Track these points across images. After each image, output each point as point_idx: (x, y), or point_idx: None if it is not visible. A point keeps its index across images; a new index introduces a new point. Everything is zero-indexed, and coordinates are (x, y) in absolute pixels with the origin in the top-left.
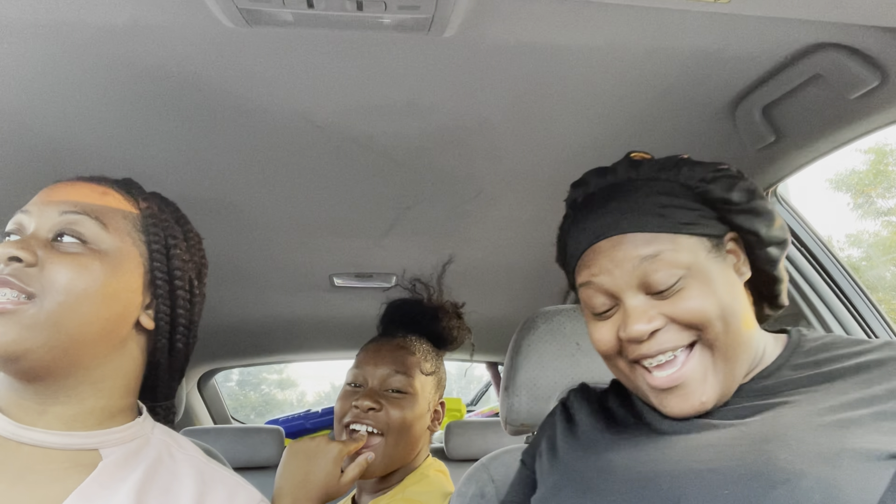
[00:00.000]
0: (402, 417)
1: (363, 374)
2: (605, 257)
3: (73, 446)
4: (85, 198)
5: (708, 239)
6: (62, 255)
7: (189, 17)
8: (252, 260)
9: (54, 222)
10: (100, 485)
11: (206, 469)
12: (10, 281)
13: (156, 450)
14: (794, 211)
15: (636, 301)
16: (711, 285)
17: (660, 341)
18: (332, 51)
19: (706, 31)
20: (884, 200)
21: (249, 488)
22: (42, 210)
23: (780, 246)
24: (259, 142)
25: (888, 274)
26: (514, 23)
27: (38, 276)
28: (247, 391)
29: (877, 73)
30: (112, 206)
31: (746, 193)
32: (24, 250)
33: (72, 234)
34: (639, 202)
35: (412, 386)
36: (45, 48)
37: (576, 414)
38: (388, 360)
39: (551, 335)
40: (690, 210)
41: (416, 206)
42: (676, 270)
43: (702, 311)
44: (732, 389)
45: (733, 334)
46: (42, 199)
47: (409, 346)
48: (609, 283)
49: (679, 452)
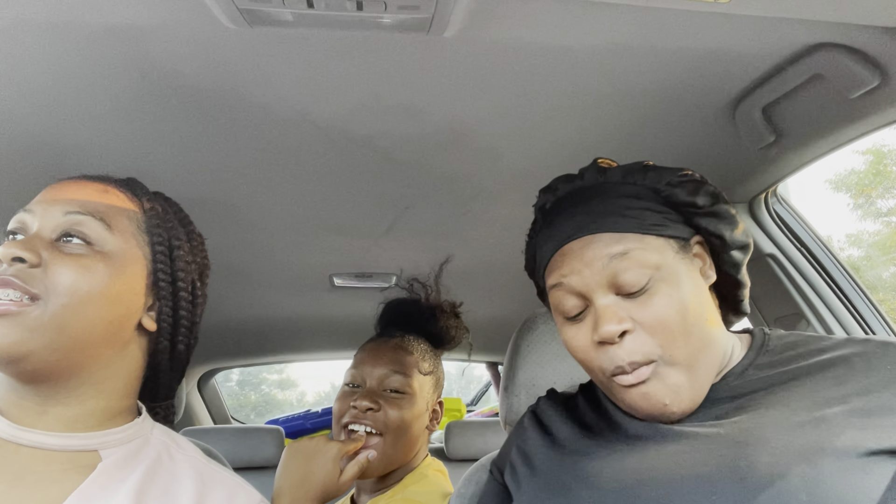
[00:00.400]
0: (400, 417)
1: (361, 374)
2: (575, 258)
3: (72, 448)
4: (89, 197)
5: (675, 241)
6: (66, 257)
7: (189, 17)
8: (252, 260)
9: (58, 222)
10: (99, 486)
11: (205, 470)
12: (13, 282)
13: (155, 450)
14: (794, 211)
15: (606, 300)
16: (679, 287)
17: (629, 348)
18: (332, 51)
19: (706, 31)
20: (883, 201)
21: (249, 489)
22: (46, 210)
23: (743, 250)
24: (259, 142)
25: (888, 274)
26: (514, 23)
27: (42, 277)
28: (247, 391)
29: (877, 73)
30: (116, 206)
31: (710, 197)
32: (28, 251)
33: (76, 235)
34: (606, 204)
35: (410, 386)
36: (45, 48)
37: (549, 422)
38: (386, 361)
39: (551, 335)
40: (657, 212)
41: (416, 206)
42: (646, 270)
43: (667, 317)
44: (703, 393)
45: (697, 340)
46: (45, 199)
47: (407, 346)
48: (579, 283)
49: (661, 459)
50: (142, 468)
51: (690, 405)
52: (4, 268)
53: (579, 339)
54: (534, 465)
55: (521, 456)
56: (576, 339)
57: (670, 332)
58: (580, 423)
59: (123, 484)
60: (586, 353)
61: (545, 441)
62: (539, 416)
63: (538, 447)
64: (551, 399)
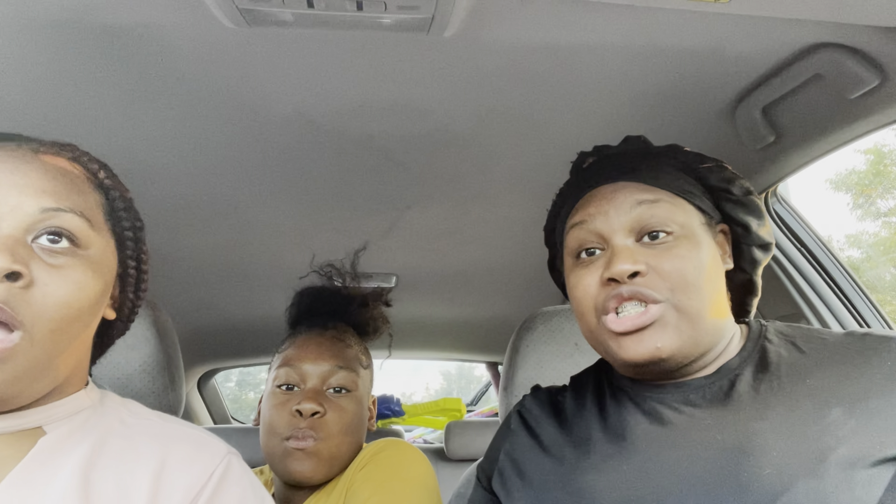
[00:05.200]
0: (349, 418)
1: (299, 372)
2: (604, 199)
3: (12, 428)
4: (62, 186)
5: (703, 214)
6: (53, 271)
7: (189, 17)
8: (252, 260)
9: (32, 220)
10: (40, 463)
11: (163, 430)
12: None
13: (106, 420)
14: (794, 211)
15: (626, 242)
16: (700, 250)
17: (637, 284)
18: (332, 51)
19: (706, 31)
20: (883, 201)
21: (215, 439)
22: (14, 204)
23: (764, 249)
24: (259, 142)
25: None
26: (514, 23)
27: (27, 298)
28: (247, 391)
29: (877, 73)
30: (90, 194)
31: (743, 189)
32: (20, 263)
33: (64, 235)
34: (642, 164)
35: (355, 382)
36: (46, 47)
37: (536, 425)
38: (327, 356)
39: (550, 335)
40: (692, 185)
41: (416, 206)
42: (671, 223)
43: (684, 270)
44: (691, 354)
45: (709, 302)
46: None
47: (346, 339)
48: (603, 224)
49: (658, 470)
50: (90, 439)
51: (673, 349)
52: None
53: (587, 280)
54: (524, 472)
55: (510, 462)
56: (583, 280)
57: (684, 281)
58: (569, 426)
59: (68, 457)
60: (586, 292)
61: (533, 445)
62: (525, 416)
63: (527, 453)
64: (537, 398)
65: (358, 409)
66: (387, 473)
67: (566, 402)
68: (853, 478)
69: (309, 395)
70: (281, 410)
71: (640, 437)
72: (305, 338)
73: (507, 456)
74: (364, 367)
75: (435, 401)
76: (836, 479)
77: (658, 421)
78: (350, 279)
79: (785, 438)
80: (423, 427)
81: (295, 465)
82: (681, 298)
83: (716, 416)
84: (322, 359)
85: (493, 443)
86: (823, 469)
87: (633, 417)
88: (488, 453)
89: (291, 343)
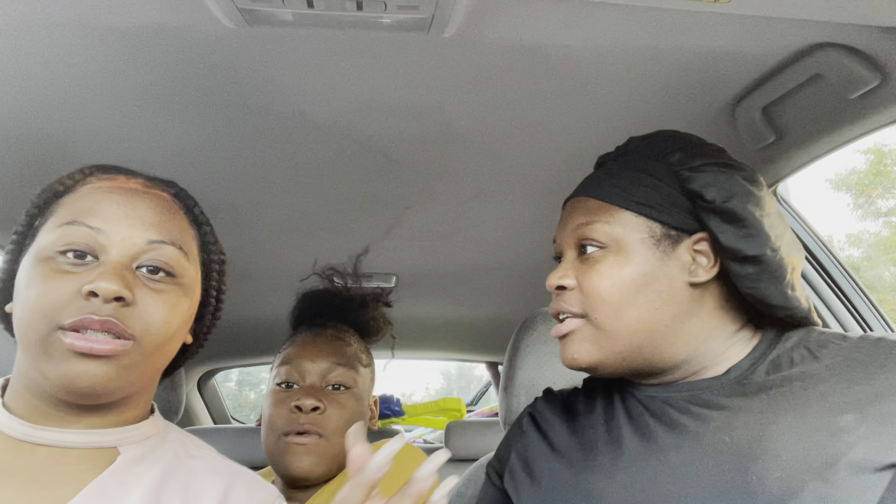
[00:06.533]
0: (349, 415)
1: (298, 370)
2: (565, 216)
3: (91, 444)
4: (163, 218)
5: (661, 226)
6: (155, 294)
7: (189, 17)
8: (252, 260)
9: (139, 250)
10: (116, 480)
11: (223, 466)
12: (115, 324)
13: (172, 447)
14: (794, 211)
15: (568, 257)
16: (626, 266)
17: (559, 300)
18: (332, 51)
19: (706, 31)
20: (884, 201)
21: (266, 483)
22: (126, 235)
23: (745, 263)
24: (259, 142)
25: (888, 274)
26: (514, 23)
27: (135, 315)
28: (247, 391)
29: (877, 73)
30: (186, 229)
31: (723, 192)
32: (127, 289)
33: (162, 269)
34: (613, 172)
35: (354, 379)
36: (46, 47)
37: (546, 426)
38: (326, 353)
39: (550, 335)
40: (660, 194)
41: (416, 206)
42: (603, 237)
43: (599, 287)
44: (632, 364)
45: (622, 322)
46: (118, 216)
47: (345, 337)
48: (559, 238)
49: (667, 474)
50: (161, 465)
51: (611, 366)
52: (99, 305)
53: (550, 280)
54: (534, 473)
55: (522, 462)
56: (550, 280)
57: (599, 300)
58: (579, 430)
59: (141, 479)
60: None
61: (544, 447)
62: (537, 419)
63: (537, 454)
64: (548, 401)
65: (358, 406)
66: (388, 473)
67: (577, 405)
68: (862, 482)
69: (308, 391)
70: (280, 407)
71: (649, 439)
72: (305, 337)
73: (518, 455)
74: (364, 366)
75: (435, 401)
76: (845, 484)
77: (667, 423)
78: (351, 281)
79: (795, 442)
80: (423, 427)
81: (294, 460)
82: (596, 316)
83: (725, 418)
84: (321, 356)
85: (505, 441)
86: (833, 473)
87: (643, 420)
88: (499, 451)
89: (291, 342)
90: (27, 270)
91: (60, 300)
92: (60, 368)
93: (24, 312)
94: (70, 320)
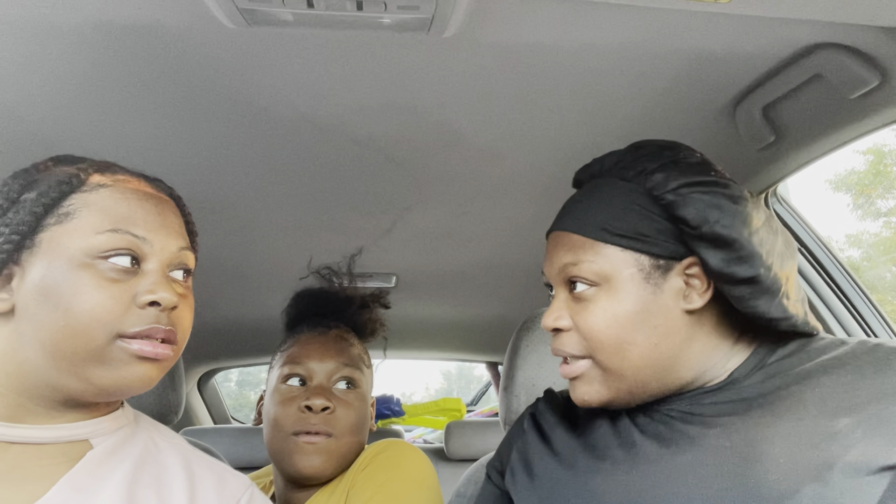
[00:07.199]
0: (356, 415)
1: (305, 369)
2: (550, 250)
3: (62, 439)
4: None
5: (649, 257)
6: (183, 299)
7: (189, 17)
8: (252, 260)
9: (173, 258)
10: (88, 473)
11: (191, 457)
12: (174, 333)
13: (142, 440)
14: (794, 211)
15: (560, 296)
16: (620, 304)
17: (562, 342)
18: (332, 51)
19: (706, 31)
20: (883, 201)
21: (236, 473)
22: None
23: (739, 284)
24: (259, 142)
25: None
26: (514, 23)
27: (176, 320)
28: (247, 391)
29: (877, 73)
30: None
31: (708, 216)
32: (177, 296)
33: (189, 271)
34: (592, 201)
35: (360, 380)
36: (44, 47)
37: (547, 428)
38: (333, 353)
39: (550, 335)
40: (644, 223)
41: (416, 207)
42: (591, 274)
43: (597, 328)
44: (641, 395)
45: (636, 357)
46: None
47: (349, 338)
48: (548, 272)
49: (666, 477)
50: (133, 457)
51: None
52: (157, 313)
53: (545, 322)
54: (534, 473)
55: (522, 461)
56: (545, 316)
57: (599, 342)
58: (580, 430)
59: (114, 472)
60: None
61: (544, 448)
62: (538, 420)
63: (538, 454)
64: (550, 402)
65: (363, 406)
66: (388, 474)
67: (578, 408)
68: (859, 484)
69: (317, 391)
70: (288, 406)
71: (648, 443)
72: (309, 336)
73: (519, 455)
74: (366, 367)
75: (435, 401)
76: (842, 486)
77: (667, 427)
78: (348, 281)
79: (792, 446)
80: (423, 427)
81: (304, 459)
82: (601, 358)
83: (724, 423)
84: (328, 356)
85: (506, 441)
86: (830, 476)
87: (643, 424)
88: (500, 451)
89: (295, 341)
90: (62, 276)
91: (118, 309)
92: (119, 373)
93: (72, 321)
94: (135, 329)
